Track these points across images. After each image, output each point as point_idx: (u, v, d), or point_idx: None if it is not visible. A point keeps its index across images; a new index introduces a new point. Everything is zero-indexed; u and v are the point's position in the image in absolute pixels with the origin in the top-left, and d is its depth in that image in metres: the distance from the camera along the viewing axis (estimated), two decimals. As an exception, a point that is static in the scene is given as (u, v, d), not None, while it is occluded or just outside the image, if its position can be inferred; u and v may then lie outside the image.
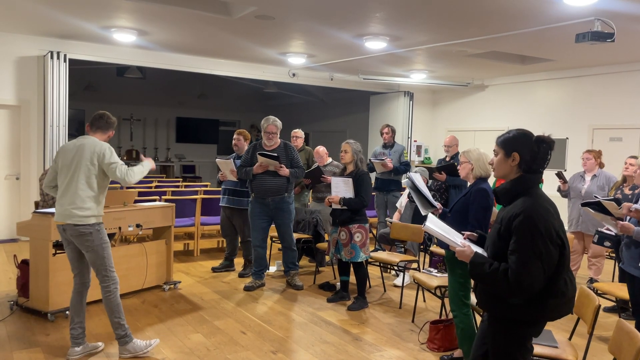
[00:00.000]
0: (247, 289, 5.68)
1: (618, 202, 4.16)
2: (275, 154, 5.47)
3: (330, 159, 6.94)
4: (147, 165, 3.95)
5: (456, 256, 2.54)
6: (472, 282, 3.01)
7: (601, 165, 6.11)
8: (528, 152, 2.43)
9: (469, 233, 2.72)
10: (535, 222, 2.28)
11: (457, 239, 2.57)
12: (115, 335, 3.83)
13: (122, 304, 5.00)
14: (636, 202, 4.02)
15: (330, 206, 5.18)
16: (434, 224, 2.62)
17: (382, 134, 7.25)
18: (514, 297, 2.32)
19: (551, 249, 2.28)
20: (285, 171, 5.50)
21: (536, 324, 2.40)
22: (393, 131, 7.26)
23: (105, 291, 3.77)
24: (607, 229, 4.59)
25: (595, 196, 4.96)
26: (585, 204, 4.35)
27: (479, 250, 2.52)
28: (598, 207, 4.22)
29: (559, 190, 6.25)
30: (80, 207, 3.65)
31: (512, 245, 2.31)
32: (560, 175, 6.11)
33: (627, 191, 5.44)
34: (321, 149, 6.95)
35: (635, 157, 5.49)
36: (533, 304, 2.33)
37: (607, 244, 4.65)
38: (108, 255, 3.78)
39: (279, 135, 5.74)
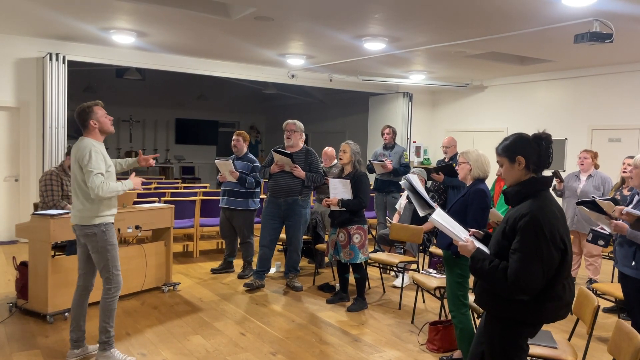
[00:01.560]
0: (247, 285, 5.69)
1: (616, 202, 4.16)
2: (289, 152, 5.48)
3: (335, 161, 6.93)
4: (127, 184, 3.79)
5: (458, 250, 2.56)
6: (471, 282, 3.01)
7: (596, 167, 6.14)
8: (531, 152, 2.44)
9: (475, 230, 2.73)
10: (540, 224, 2.28)
11: (461, 234, 2.59)
12: (98, 338, 3.78)
13: (122, 306, 5.03)
14: (630, 203, 4.03)
15: (329, 207, 5.18)
16: (441, 217, 2.64)
17: (382, 134, 7.26)
18: (511, 296, 2.33)
19: (553, 252, 2.29)
20: (300, 172, 5.52)
21: (532, 325, 2.42)
22: (394, 132, 7.27)
23: (105, 292, 3.75)
24: (602, 228, 4.60)
25: (592, 196, 4.96)
26: (580, 202, 4.35)
27: (483, 247, 2.53)
28: (593, 206, 4.23)
29: (554, 189, 6.26)
30: (83, 208, 3.66)
31: (515, 244, 2.33)
32: (556, 174, 6.12)
33: (626, 192, 5.44)
34: (330, 150, 6.92)
35: (632, 157, 5.49)
36: (530, 305, 2.34)
37: (601, 242, 4.65)
38: (112, 257, 3.73)
39: (299, 137, 5.71)
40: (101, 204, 3.68)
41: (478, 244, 2.54)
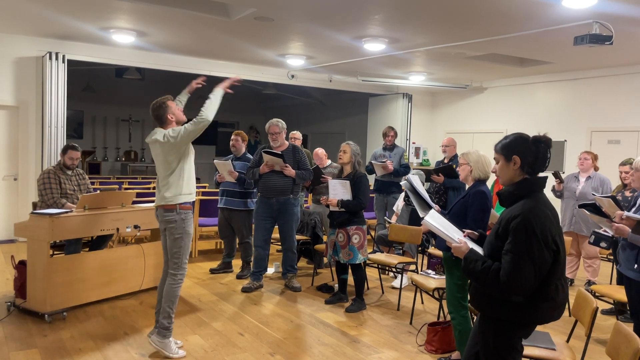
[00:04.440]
0: (245, 290, 5.67)
1: (615, 200, 4.16)
2: (279, 152, 5.48)
3: (329, 161, 6.93)
4: (217, 94, 4.02)
5: (452, 252, 2.56)
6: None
7: (596, 169, 6.14)
8: (528, 154, 2.44)
9: (469, 231, 2.73)
10: (532, 225, 2.29)
11: (454, 235, 2.59)
12: (158, 323, 3.91)
13: (120, 305, 5.03)
14: (634, 206, 4.02)
15: (328, 207, 5.18)
16: (434, 219, 2.64)
17: (386, 135, 7.26)
18: (504, 297, 2.34)
19: (545, 253, 2.29)
20: (290, 171, 5.51)
21: (525, 325, 2.42)
22: (396, 133, 7.32)
23: (171, 278, 3.89)
24: (604, 230, 4.60)
25: (593, 194, 4.97)
26: (582, 205, 4.35)
27: (477, 248, 2.53)
28: (594, 209, 4.23)
29: (553, 190, 6.27)
30: (168, 187, 3.84)
31: (507, 245, 2.33)
32: (556, 175, 6.12)
33: (627, 194, 5.45)
34: (320, 150, 6.94)
35: (628, 163, 5.49)
36: (523, 306, 2.35)
37: (603, 244, 4.65)
38: (186, 245, 3.90)
39: (284, 136, 5.72)
40: (183, 185, 3.87)
41: (473, 245, 2.54)
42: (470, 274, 2.44)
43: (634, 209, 3.91)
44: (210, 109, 3.87)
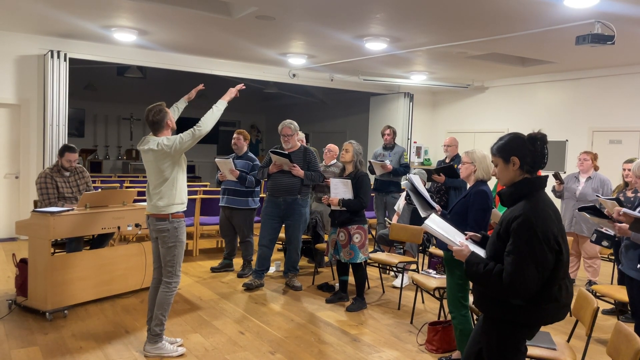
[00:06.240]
0: (246, 285, 5.69)
1: (619, 202, 4.16)
2: (286, 152, 5.49)
3: (334, 160, 6.92)
4: (220, 106, 3.92)
5: (453, 255, 2.55)
6: (471, 283, 3.01)
7: (596, 168, 6.13)
8: (526, 153, 2.43)
9: (472, 234, 2.72)
10: (533, 225, 2.28)
11: (456, 239, 2.58)
12: (150, 330, 3.89)
13: (121, 304, 5.04)
14: (638, 206, 4.02)
15: (329, 206, 5.18)
16: (435, 223, 2.63)
17: (383, 135, 7.26)
18: (507, 298, 2.33)
19: (547, 253, 2.28)
20: (298, 171, 5.52)
21: (529, 327, 2.41)
22: (394, 132, 7.28)
23: (165, 286, 3.87)
24: (607, 230, 4.59)
25: (596, 195, 4.96)
26: (582, 208, 4.34)
27: (479, 250, 2.52)
28: (594, 211, 4.21)
29: (553, 190, 6.27)
30: (159, 200, 3.80)
31: (509, 247, 2.32)
32: (557, 176, 6.13)
33: (629, 194, 5.44)
34: (333, 146, 6.90)
35: (632, 161, 5.48)
36: (528, 307, 2.33)
37: (605, 243, 4.65)
38: (179, 254, 3.88)
39: (296, 138, 5.72)
40: (176, 194, 3.80)
41: (475, 248, 2.52)
42: (472, 277, 2.42)
43: (638, 209, 3.90)
44: (210, 121, 3.83)
